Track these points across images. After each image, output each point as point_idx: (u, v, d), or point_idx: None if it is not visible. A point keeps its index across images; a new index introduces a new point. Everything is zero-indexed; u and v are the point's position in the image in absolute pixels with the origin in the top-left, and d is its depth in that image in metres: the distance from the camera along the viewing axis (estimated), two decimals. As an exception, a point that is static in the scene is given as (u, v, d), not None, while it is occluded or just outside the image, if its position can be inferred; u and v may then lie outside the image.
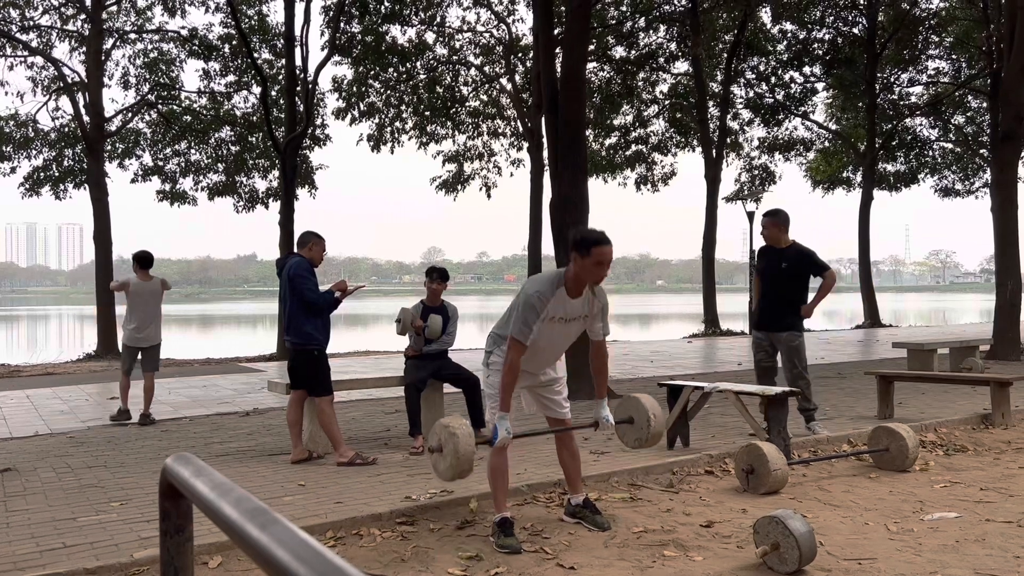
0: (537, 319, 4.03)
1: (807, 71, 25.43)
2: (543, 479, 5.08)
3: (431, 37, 22.48)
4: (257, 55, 19.87)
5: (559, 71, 9.83)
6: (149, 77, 21.37)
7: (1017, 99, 12.79)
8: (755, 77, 25.51)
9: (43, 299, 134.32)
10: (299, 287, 5.92)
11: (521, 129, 23.76)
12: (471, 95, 24.15)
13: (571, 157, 9.44)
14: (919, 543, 3.98)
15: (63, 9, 20.35)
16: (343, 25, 19.41)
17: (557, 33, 11.01)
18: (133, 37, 21.21)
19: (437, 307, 6.85)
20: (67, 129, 20.94)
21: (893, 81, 26.77)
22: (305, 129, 18.35)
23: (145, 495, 5.12)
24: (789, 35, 24.78)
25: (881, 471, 5.53)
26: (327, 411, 6.02)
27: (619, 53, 23.02)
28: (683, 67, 24.41)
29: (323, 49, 19.06)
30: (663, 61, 23.41)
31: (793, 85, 25.67)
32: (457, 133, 24.41)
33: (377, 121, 22.98)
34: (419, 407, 6.63)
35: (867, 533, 4.15)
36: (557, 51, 10.36)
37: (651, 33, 22.87)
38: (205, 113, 22.15)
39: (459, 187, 25.41)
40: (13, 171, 21.06)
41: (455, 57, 23.30)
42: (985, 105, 25.21)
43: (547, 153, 10.73)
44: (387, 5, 19.70)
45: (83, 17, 19.93)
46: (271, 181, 22.81)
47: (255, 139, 22.30)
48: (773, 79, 25.42)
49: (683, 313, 51.23)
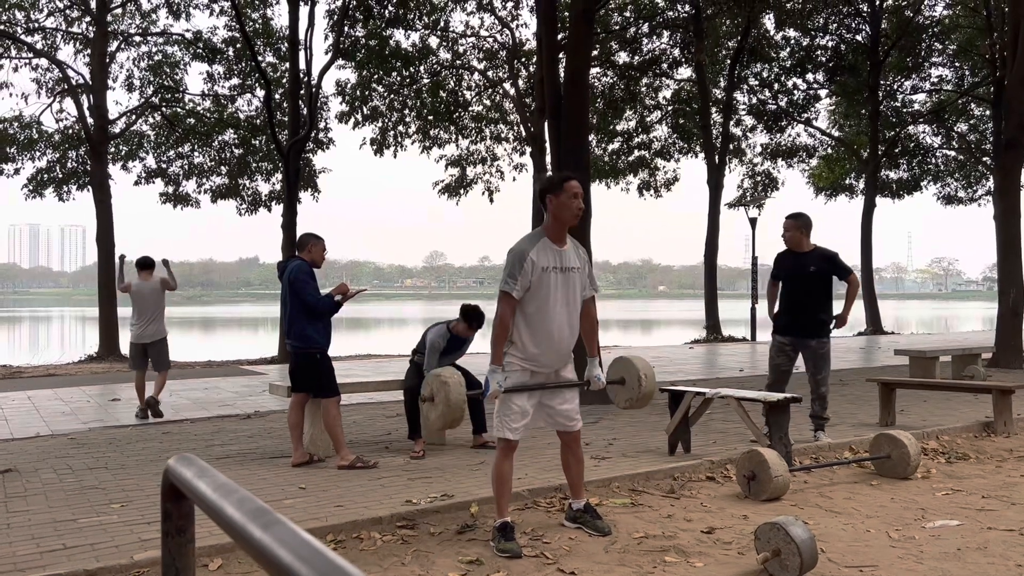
0: (522, 269, 4.05)
1: (810, 78, 25.44)
2: (544, 484, 5.08)
3: (435, 41, 22.52)
4: (261, 58, 19.93)
5: (562, 76, 9.84)
6: (153, 80, 21.43)
7: (1020, 107, 12.79)
8: (758, 83, 25.54)
9: (45, 300, 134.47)
10: (300, 291, 5.93)
11: (524, 134, 23.78)
12: (474, 100, 24.18)
13: (574, 162, 9.45)
14: (920, 551, 3.97)
15: (68, 11, 20.41)
16: (347, 29, 19.45)
17: (560, 38, 11.01)
18: (138, 40, 21.27)
19: (462, 338, 6.76)
20: (71, 131, 21.00)
21: (896, 88, 26.79)
22: (308, 132, 18.38)
23: (146, 497, 5.12)
24: (792, 42, 24.80)
25: (883, 478, 5.52)
26: (333, 412, 6.02)
27: (622, 58, 23.05)
28: (686, 73, 24.46)
29: (327, 53, 19.10)
30: (666, 67, 23.44)
31: (796, 92, 25.68)
32: (460, 137, 24.43)
33: (380, 125, 23.00)
34: (418, 411, 6.63)
35: (869, 540, 4.14)
36: (560, 56, 10.37)
37: (654, 39, 22.90)
38: (209, 116, 22.19)
39: (462, 191, 25.43)
40: (17, 172, 21.12)
41: (458, 62, 23.33)
42: (988, 113, 25.22)
43: (550, 158, 10.74)
44: (391, 9, 19.74)
45: (88, 19, 20.00)
46: (274, 184, 22.85)
47: (258, 142, 22.34)
48: (776, 85, 25.44)
49: (685, 319, 51.20)
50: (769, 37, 24.49)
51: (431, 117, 23.37)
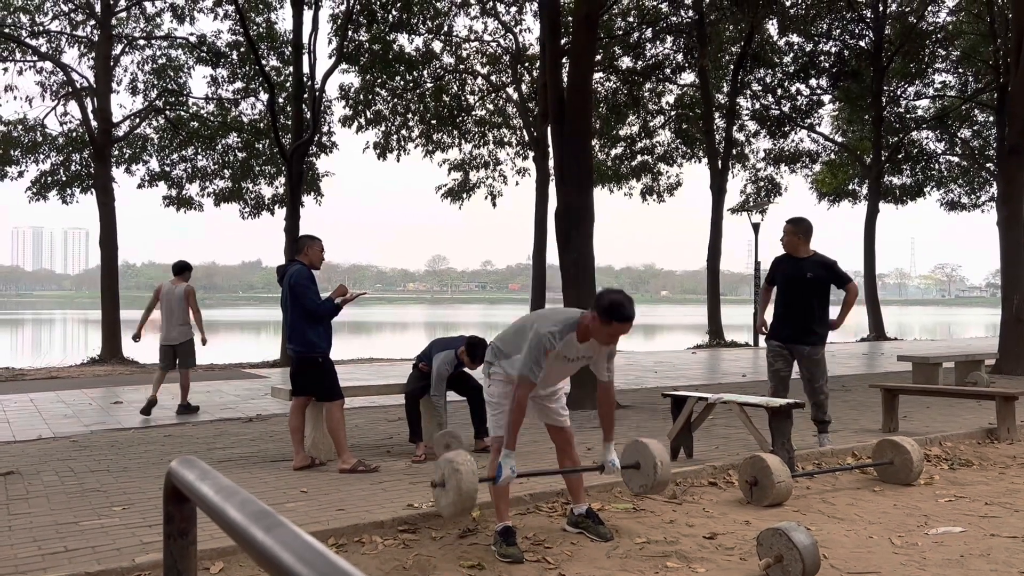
0: (546, 359, 4.03)
1: (813, 83, 25.45)
2: (545, 488, 5.07)
3: (438, 46, 22.58)
4: (265, 62, 19.96)
5: (566, 81, 9.85)
6: (157, 83, 21.46)
7: (1023, 113, 12.78)
8: (761, 89, 25.54)
9: (48, 303, 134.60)
10: (300, 296, 5.93)
11: (527, 138, 23.83)
12: (477, 104, 24.22)
13: (577, 167, 9.46)
14: (923, 557, 3.95)
15: (73, 15, 20.47)
16: (351, 33, 19.49)
17: (564, 43, 11.03)
18: (142, 43, 21.31)
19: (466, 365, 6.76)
20: (75, 134, 21.03)
21: (900, 94, 26.80)
22: (312, 136, 18.41)
23: (147, 499, 5.12)
24: (796, 47, 24.82)
25: (885, 484, 5.51)
26: (336, 416, 6.02)
27: (626, 64, 23.07)
28: (689, 78, 24.47)
29: (331, 57, 19.14)
30: (669, 72, 23.45)
31: (799, 97, 25.69)
32: (463, 142, 24.47)
33: (383, 129, 23.05)
34: (419, 414, 6.65)
35: (871, 547, 4.13)
36: (564, 61, 10.38)
37: (658, 44, 22.91)
38: (212, 119, 22.23)
39: (464, 195, 25.46)
40: (21, 175, 21.15)
41: (462, 66, 23.38)
42: (992, 119, 25.24)
43: (553, 163, 10.75)
44: (395, 14, 19.79)
45: (93, 23, 20.04)
46: (277, 188, 22.88)
47: (262, 146, 22.36)
48: (779, 91, 25.45)
49: (687, 324, 51.17)
50: (772, 42, 24.51)
51: (434, 121, 23.41)
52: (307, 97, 18.25)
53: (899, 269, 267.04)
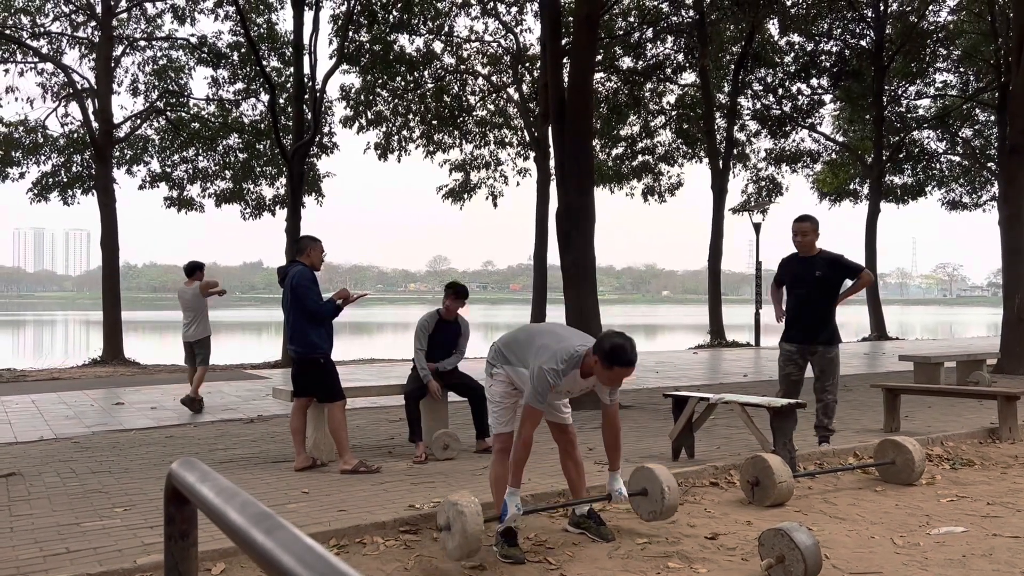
0: (550, 392, 4.03)
1: (814, 83, 25.44)
2: (547, 489, 5.07)
3: (439, 46, 22.58)
4: (266, 63, 19.96)
5: (566, 81, 9.85)
6: (158, 84, 21.46)
7: (1025, 112, 12.76)
8: (762, 88, 25.54)
9: (50, 304, 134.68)
10: (302, 297, 5.94)
11: (528, 139, 23.83)
12: (478, 104, 24.22)
13: (578, 167, 9.45)
14: (925, 557, 3.95)
15: (73, 16, 20.48)
16: (351, 34, 19.49)
17: (565, 43, 11.03)
18: (143, 44, 21.32)
19: (451, 321, 6.85)
20: (76, 135, 21.03)
21: (901, 93, 26.78)
22: (312, 137, 18.41)
23: (149, 501, 5.12)
24: (796, 47, 24.81)
25: (887, 484, 5.50)
26: (338, 416, 6.02)
27: (626, 64, 23.07)
28: (690, 78, 24.46)
29: (331, 57, 19.15)
30: (670, 72, 23.45)
31: (800, 97, 25.68)
32: (464, 142, 24.47)
33: (384, 130, 23.05)
34: (419, 414, 6.68)
35: (873, 547, 4.12)
36: (564, 61, 10.39)
37: (658, 44, 22.91)
38: (213, 120, 22.24)
39: (466, 196, 25.45)
40: (22, 176, 21.15)
41: (463, 66, 23.37)
42: (993, 118, 25.20)
43: (554, 163, 10.76)
44: (395, 14, 19.79)
45: (93, 24, 20.05)
46: (278, 188, 22.87)
47: (263, 146, 22.36)
48: (780, 91, 25.44)
49: (689, 324, 51.15)
50: (773, 42, 24.50)
51: (435, 122, 23.41)
52: (308, 98, 18.26)
53: (900, 269, 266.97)
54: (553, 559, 3.94)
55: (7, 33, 19.32)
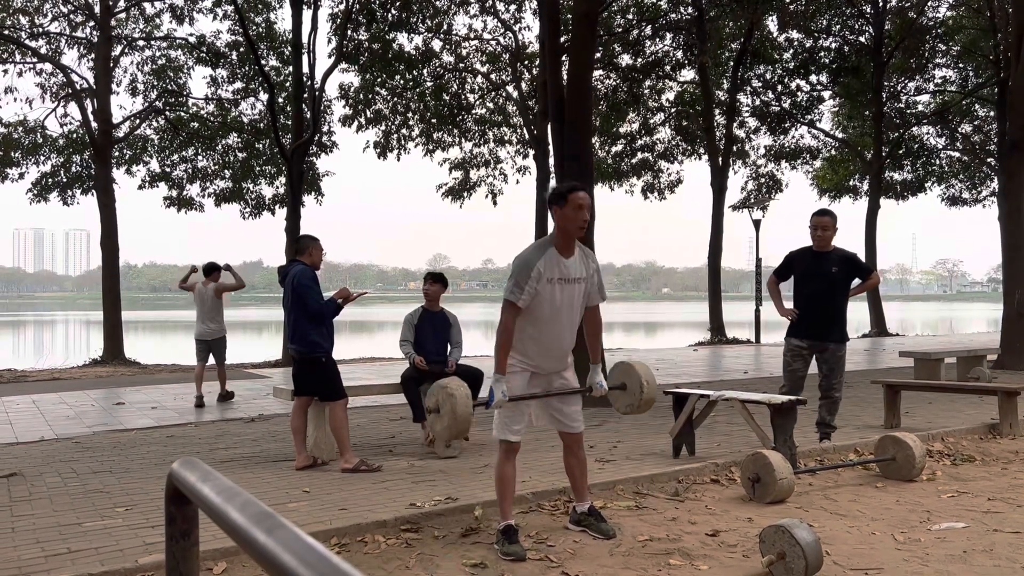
0: (528, 278, 4.02)
1: (814, 79, 25.43)
2: (548, 487, 5.07)
3: (438, 45, 22.54)
4: (264, 62, 19.96)
5: (565, 79, 9.84)
6: (157, 84, 21.46)
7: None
8: (761, 85, 25.52)
9: (50, 304, 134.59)
10: (304, 296, 5.95)
11: (527, 136, 23.79)
12: (477, 103, 24.19)
13: (577, 164, 9.44)
14: (926, 553, 3.95)
15: (72, 16, 20.46)
16: (350, 33, 19.47)
17: (563, 41, 11.01)
18: (141, 44, 21.31)
19: (437, 313, 6.98)
20: (75, 135, 21.03)
21: (900, 89, 26.75)
22: (312, 136, 18.40)
23: (150, 501, 5.12)
24: (796, 43, 24.79)
25: (888, 480, 5.50)
26: (339, 415, 6.04)
27: (625, 61, 23.05)
28: (689, 75, 24.44)
29: (330, 56, 19.13)
30: (669, 69, 23.42)
31: (800, 93, 25.67)
32: (463, 140, 24.44)
33: (383, 128, 23.02)
34: (418, 396, 6.83)
35: (874, 543, 4.13)
36: (563, 59, 10.37)
37: (657, 41, 22.90)
38: (212, 120, 22.23)
39: (465, 194, 25.43)
40: (21, 177, 21.15)
41: (462, 65, 23.35)
42: (992, 114, 25.19)
43: (553, 160, 10.75)
44: (394, 13, 19.76)
45: (92, 24, 20.04)
46: (277, 188, 22.87)
47: (262, 146, 22.36)
48: (779, 87, 25.43)
49: (689, 321, 51.14)
50: (772, 39, 24.48)
51: (434, 120, 23.39)
52: (307, 97, 18.25)
53: (900, 265, 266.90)
54: (554, 556, 3.95)
55: (6, 34, 19.31)
